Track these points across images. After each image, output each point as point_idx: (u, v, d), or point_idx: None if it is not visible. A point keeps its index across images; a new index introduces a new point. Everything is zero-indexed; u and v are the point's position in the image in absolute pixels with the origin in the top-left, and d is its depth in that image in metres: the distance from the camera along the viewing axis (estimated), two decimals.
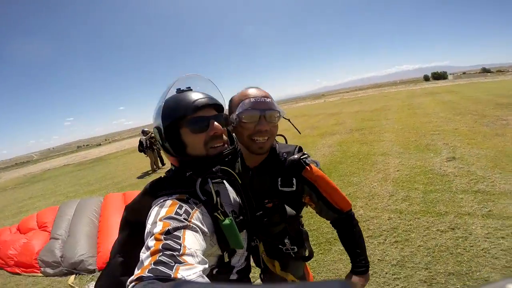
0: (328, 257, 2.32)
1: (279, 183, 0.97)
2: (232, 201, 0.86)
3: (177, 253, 0.51)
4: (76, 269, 2.80)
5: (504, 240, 2.10)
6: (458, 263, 1.95)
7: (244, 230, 0.84)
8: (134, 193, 4.67)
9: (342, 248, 1.26)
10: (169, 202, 0.66)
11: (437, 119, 7.45)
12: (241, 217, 0.82)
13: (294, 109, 29.49)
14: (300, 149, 1.02)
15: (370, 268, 1.85)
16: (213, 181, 0.75)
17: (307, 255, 1.17)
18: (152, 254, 0.50)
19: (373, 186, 3.59)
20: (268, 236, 1.12)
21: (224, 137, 0.79)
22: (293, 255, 1.14)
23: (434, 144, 5.07)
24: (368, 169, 4.30)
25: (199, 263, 0.53)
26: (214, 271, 0.76)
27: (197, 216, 0.65)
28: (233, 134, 1.13)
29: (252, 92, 0.94)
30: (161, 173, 7.04)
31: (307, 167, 0.96)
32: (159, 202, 0.67)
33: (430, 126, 6.72)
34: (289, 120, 1.07)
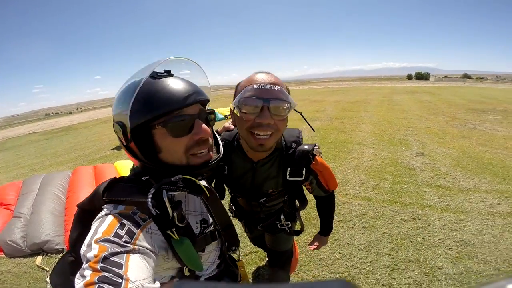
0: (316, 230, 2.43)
1: (288, 173, 0.94)
2: (202, 209, 0.72)
3: None
4: (42, 249, 2.56)
5: (457, 232, 2.31)
6: (417, 251, 2.11)
7: (216, 241, 0.73)
8: (106, 166, 4.29)
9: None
10: (109, 219, 0.52)
11: (413, 117, 7.80)
12: (212, 228, 0.71)
13: None
14: (315, 145, 1.00)
15: (340, 252, 2.01)
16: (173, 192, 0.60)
17: (299, 229, 1.26)
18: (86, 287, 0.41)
19: (346, 173, 3.73)
20: (265, 214, 1.18)
21: (210, 140, 0.64)
22: (288, 230, 1.21)
23: (406, 139, 5.33)
24: (344, 157, 4.44)
25: None
26: (175, 280, 0.65)
27: (143, 237, 0.52)
28: (221, 135, 1.05)
29: (259, 77, 0.79)
30: None
31: (315, 159, 0.97)
32: (101, 215, 0.55)
33: (405, 122, 7.02)
34: (301, 114, 0.96)
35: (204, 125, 0.61)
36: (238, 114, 0.79)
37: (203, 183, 0.66)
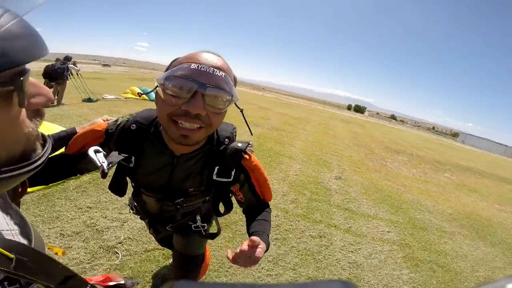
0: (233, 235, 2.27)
1: (215, 172, 0.80)
2: None
3: None
4: None
5: (352, 254, 2.52)
6: (317, 269, 2.20)
7: None
8: None
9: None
10: None
11: (341, 144, 8.65)
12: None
13: None
14: (235, 132, 0.87)
15: None
16: None
17: (215, 232, 1.09)
18: None
19: (272, 183, 3.79)
20: (181, 214, 0.97)
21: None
22: (203, 233, 1.05)
23: (330, 162, 5.81)
24: (274, 167, 4.54)
25: None
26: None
27: None
28: (135, 115, 0.83)
29: (202, 56, 0.63)
30: (59, 108, 5.47)
31: (247, 155, 0.83)
32: None
33: (334, 147, 7.72)
34: (241, 112, 0.79)
35: (37, 98, 0.35)
36: (162, 95, 0.62)
37: None
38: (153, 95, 0.68)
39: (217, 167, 0.80)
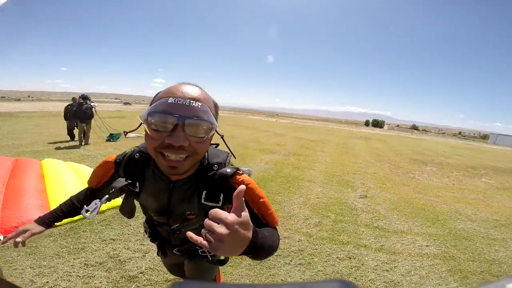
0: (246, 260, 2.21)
1: (203, 196, 0.81)
2: None
3: None
4: None
5: (388, 273, 2.32)
6: None
7: None
8: (30, 162, 3.87)
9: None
10: None
11: (362, 162, 8.37)
12: None
13: (247, 120, 30.19)
14: (238, 170, 0.84)
15: None
16: None
17: (223, 258, 1.06)
18: None
19: (293, 208, 3.69)
20: (184, 237, 0.98)
21: None
22: (210, 258, 1.04)
23: (353, 181, 5.60)
24: (293, 191, 4.44)
25: None
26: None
27: None
28: (139, 146, 0.92)
29: (179, 89, 0.67)
30: (85, 148, 5.88)
31: (237, 176, 0.80)
32: None
33: (355, 166, 7.48)
34: (222, 138, 0.85)
35: None
36: (147, 130, 0.67)
37: None
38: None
39: (205, 191, 0.81)
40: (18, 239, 0.85)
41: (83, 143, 6.95)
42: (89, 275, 1.97)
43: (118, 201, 3.11)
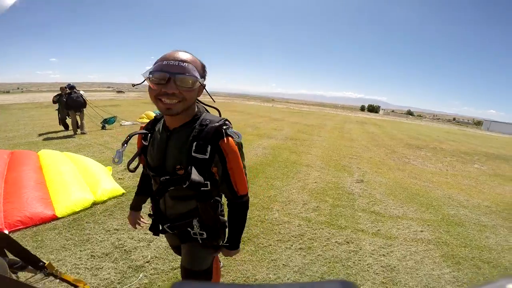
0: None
1: (194, 148, 0.92)
2: None
3: None
4: None
5: (384, 257, 2.39)
6: (347, 275, 2.10)
7: None
8: (26, 153, 3.78)
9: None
10: None
11: (358, 146, 8.43)
12: None
13: (243, 105, 29.74)
14: (226, 121, 0.99)
15: (275, 273, 1.82)
16: None
17: (215, 244, 1.10)
18: None
19: (291, 193, 3.73)
20: (176, 214, 1.06)
21: None
22: (200, 241, 1.06)
23: (350, 166, 5.65)
24: (291, 176, 4.47)
25: None
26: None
27: None
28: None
29: (171, 54, 0.89)
30: (80, 137, 5.79)
31: (226, 138, 0.94)
32: None
33: (351, 150, 7.53)
34: (206, 91, 1.02)
35: None
36: (149, 84, 0.88)
37: None
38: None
39: (195, 142, 0.92)
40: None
41: (78, 131, 6.87)
42: (97, 267, 1.98)
43: (119, 190, 3.09)
